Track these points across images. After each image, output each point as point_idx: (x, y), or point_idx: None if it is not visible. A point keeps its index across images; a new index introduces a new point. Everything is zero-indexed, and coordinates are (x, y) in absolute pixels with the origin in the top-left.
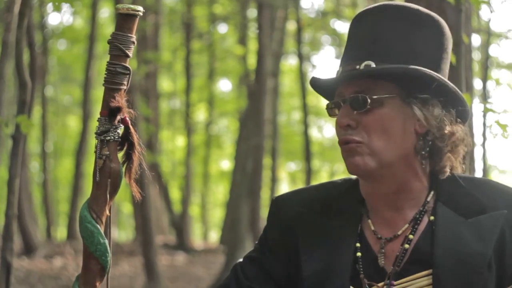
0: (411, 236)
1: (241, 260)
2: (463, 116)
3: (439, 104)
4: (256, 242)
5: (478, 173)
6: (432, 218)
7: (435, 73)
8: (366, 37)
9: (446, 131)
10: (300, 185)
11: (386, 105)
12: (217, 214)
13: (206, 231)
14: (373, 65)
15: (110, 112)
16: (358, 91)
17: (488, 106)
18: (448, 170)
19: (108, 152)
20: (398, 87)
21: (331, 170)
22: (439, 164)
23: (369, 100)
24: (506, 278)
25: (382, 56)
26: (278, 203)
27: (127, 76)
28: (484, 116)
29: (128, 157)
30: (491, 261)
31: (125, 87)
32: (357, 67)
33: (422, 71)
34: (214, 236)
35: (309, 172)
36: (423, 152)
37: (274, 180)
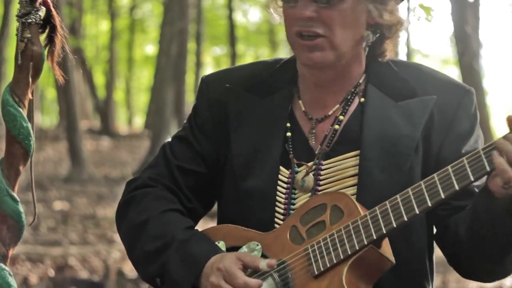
0: (341, 117)
1: (169, 139)
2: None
3: None
4: (185, 121)
5: (402, 57)
6: (362, 99)
7: None
8: None
9: (395, 22)
10: None
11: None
12: (141, 99)
13: (131, 116)
14: None
15: None
16: None
17: None
18: (388, 54)
19: (30, 35)
20: None
21: (256, 54)
22: (380, 49)
23: None
24: (431, 160)
25: None
26: (208, 81)
27: None
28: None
29: (50, 40)
30: (419, 144)
31: None
32: None
33: None
34: (139, 121)
35: (233, 57)
36: (370, 40)
37: (198, 65)
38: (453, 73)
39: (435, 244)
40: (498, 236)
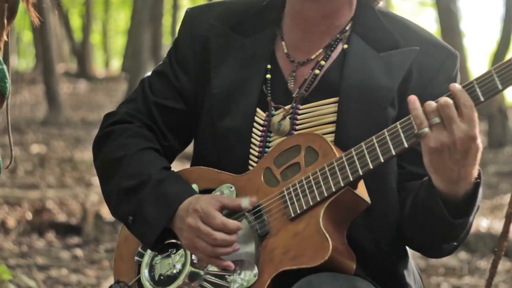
0: (323, 62)
1: (149, 73)
2: None
3: None
4: (165, 56)
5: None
6: (346, 46)
7: None
8: None
9: None
10: None
11: None
12: (118, 42)
13: (108, 59)
14: None
15: None
16: None
17: None
18: (380, 0)
19: None
20: None
21: None
22: None
23: None
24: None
25: None
26: (192, 14)
27: None
28: None
29: None
30: (395, 98)
31: None
32: None
33: None
34: (116, 63)
35: None
36: None
37: (175, 7)
38: (431, 15)
39: None
40: (433, 224)
